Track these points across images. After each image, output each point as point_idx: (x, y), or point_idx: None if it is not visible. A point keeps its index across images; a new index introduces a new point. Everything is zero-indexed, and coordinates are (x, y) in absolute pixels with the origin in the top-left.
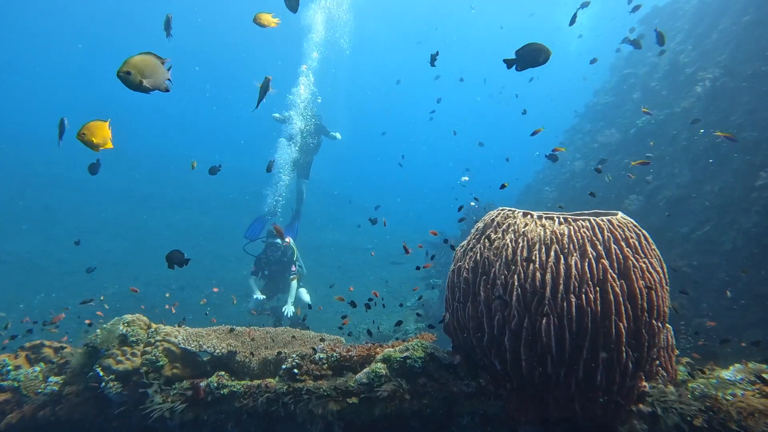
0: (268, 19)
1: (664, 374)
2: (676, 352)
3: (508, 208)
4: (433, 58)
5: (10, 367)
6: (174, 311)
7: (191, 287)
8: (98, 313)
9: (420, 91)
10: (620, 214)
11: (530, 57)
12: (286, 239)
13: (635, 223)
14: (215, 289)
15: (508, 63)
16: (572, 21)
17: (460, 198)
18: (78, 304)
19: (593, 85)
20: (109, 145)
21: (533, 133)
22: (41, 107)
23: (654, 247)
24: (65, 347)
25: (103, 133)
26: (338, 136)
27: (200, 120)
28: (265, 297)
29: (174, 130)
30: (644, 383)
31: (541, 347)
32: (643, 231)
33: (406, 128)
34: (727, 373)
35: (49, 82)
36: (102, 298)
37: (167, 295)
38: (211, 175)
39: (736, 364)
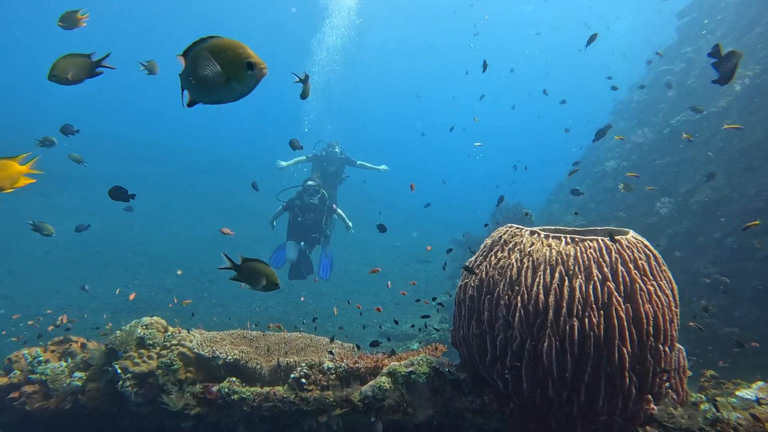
0: (73, 18)
1: (674, 396)
2: (689, 373)
3: (515, 226)
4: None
5: (41, 359)
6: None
7: (221, 281)
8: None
9: (454, 89)
10: (631, 233)
11: (729, 68)
12: (334, 205)
13: (646, 243)
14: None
15: (713, 56)
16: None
17: (483, 197)
18: (112, 293)
19: (628, 80)
20: (23, 182)
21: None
22: (75, 103)
23: (665, 268)
24: (89, 343)
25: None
26: (382, 167)
27: (238, 114)
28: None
29: (210, 125)
30: (652, 406)
31: (543, 370)
32: (654, 251)
33: (439, 125)
34: (749, 392)
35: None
36: (117, 291)
37: (175, 299)
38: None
39: (758, 382)
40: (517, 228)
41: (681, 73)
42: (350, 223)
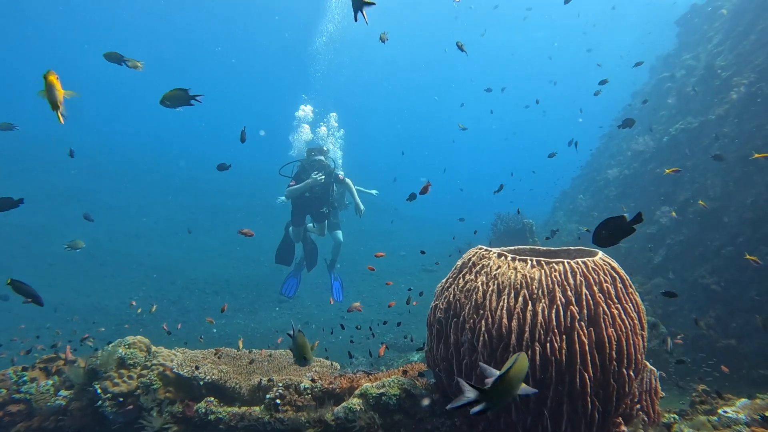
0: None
1: (645, 418)
2: (662, 394)
3: (484, 248)
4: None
5: (26, 378)
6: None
7: (226, 292)
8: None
9: (461, 94)
10: (600, 254)
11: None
12: (341, 174)
13: (614, 264)
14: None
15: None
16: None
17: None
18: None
19: (632, 87)
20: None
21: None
22: (88, 116)
23: (632, 290)
24: (77, 361)
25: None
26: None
27: (247, 120)
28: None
29: (216, 136)
30: (623, 428)
31: None
32: (621, 273)
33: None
34: (731, 410)
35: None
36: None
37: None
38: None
39: (742, 399)
40: (485, 250)
41: (681, 80)
42: (362, 206)
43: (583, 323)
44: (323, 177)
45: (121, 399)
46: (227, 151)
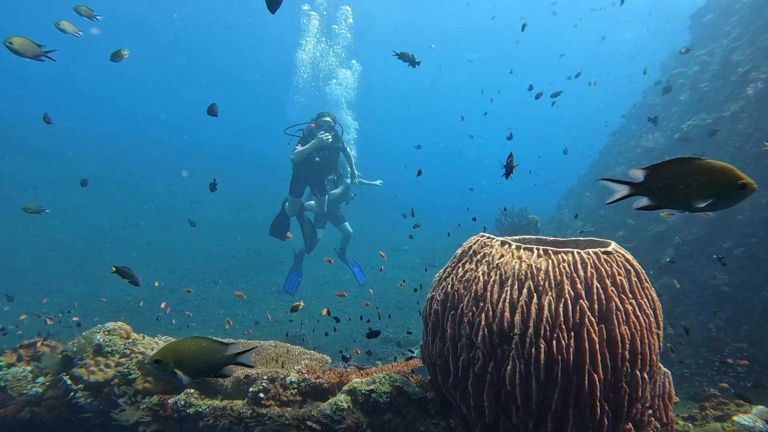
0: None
1: (658, 425)
2: (675, 399)
3: (486, 236)
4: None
5: (2, 364)
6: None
7: (225, 283)
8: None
9: (469, 86)
10: (613, 244)
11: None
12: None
13: (628, 256)
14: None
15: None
16: None
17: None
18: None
19: (642, 84)
20: None
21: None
22: (91, 104)
23: (648, 284)
24: (59, 345)
25: None
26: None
27: (247, 109)
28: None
29: (218, 125)
30: None
31: (506, 395)
32: (636, 266)
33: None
34: (747, 417)
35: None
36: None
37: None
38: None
39: (759, 406)
40: (487, 238)
41: (694, 76)
42: (357, 172)
43: (593, 319)
44: (330, 138)
45: (96, 388)
46: (229, 139)
